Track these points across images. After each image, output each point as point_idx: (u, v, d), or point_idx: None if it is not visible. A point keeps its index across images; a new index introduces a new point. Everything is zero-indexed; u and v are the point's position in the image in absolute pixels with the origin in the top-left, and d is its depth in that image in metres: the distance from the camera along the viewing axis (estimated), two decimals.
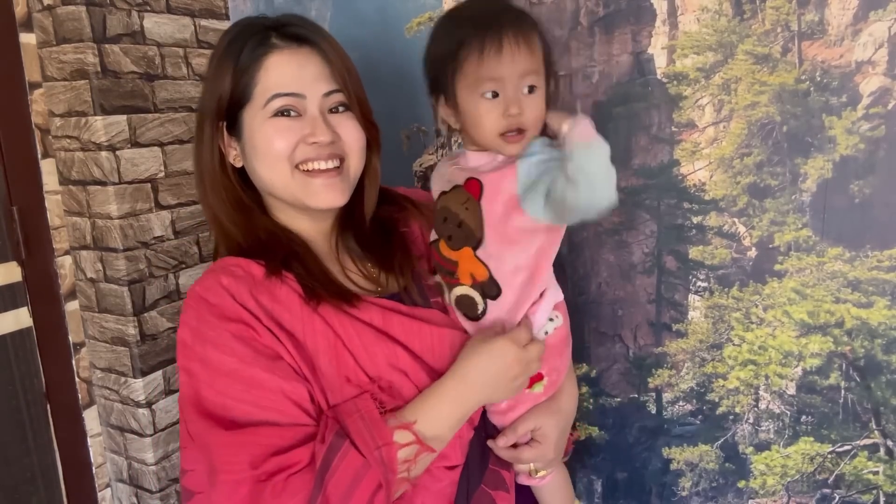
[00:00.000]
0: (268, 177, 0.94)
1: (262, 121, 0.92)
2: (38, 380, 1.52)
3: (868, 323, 1.19)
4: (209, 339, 0.86)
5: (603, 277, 1.44)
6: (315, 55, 0.94)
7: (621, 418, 1.47)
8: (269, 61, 0.92)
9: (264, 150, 0.93)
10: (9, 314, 1.47)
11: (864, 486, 1.25)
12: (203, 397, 0.85)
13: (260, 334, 0.86)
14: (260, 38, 0.93)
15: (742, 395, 1.33)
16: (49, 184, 1.53)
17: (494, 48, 0.88)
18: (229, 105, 0.94)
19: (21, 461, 1.50)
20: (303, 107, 0.93)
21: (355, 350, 0.89)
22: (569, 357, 1.03)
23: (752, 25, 1.21)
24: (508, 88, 0.90)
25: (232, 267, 0.92)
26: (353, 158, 0.97)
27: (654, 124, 1.33)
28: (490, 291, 0.94)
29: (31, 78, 1.48)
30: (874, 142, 1.15)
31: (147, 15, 1.53)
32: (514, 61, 0.88)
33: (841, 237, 1.20)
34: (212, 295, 0.88)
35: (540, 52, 0.92)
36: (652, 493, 1.46)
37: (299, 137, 0.92)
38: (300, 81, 0.92)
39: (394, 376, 0.90)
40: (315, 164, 0.93)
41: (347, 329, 0.90)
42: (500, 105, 0.90)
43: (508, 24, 0.89)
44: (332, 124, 0.94)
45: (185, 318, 0.90)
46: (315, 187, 0.93)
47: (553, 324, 0.97)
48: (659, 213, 1.35)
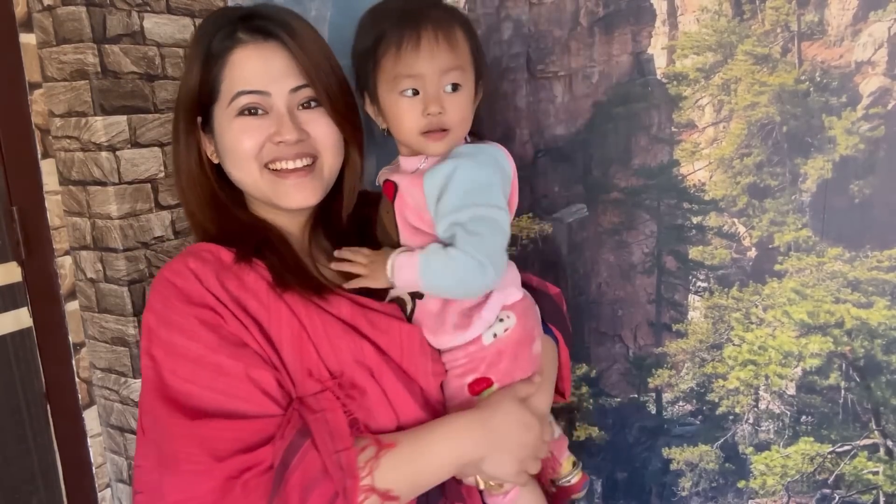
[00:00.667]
0: (238, 176, 0.93)
1: (229, 119, 0.90)
2: (38, 380, 1.52)
3: (868, 323, 1.19)
4: (175, 323, 0.83)
5: (603, 277, 1.44)
6: (282, 49, 0.90)
7: (621, 418, 1.47)
8: (235, 57, 0.89)
9: (232, 150, 0.91)
10: (9, 314, 1.47)
11: (864, 486, 1.25)
12: (167, 384, 0.82)
13: (226, 320, 0.84)
14: (227, 32, 0.90)
15: (742, 396, 1.33)
16: (49, 184, 1.53)
17: (412, 43, 0.85)
18: (201, 101, 0.92)
19: (21, 461, 1.50)
20: (268, 104, 0.90)
21: (319, 342, 0.87)
22: (529, 365, 0.96)
23: (751, 26, 1.21)
24: (428, 86, 0.86)
25: (202, 252, 0.90)
26: (326, 156, 0.93)
27: (654, 124, 1.33)
28: (416, 293, 0.92)
29: (31, 78, 1.48)
30: (874, 142, 1.15)
31: (147, 15, 1.53)
32: (433, 57, 0.85)
33: (841, 237, 1.20)
34: (179, 278, 0.86)
35: (466, 48, 0.89)
36: (652, 494, 1.46)
37: (265, 136, 0.89)
38: (264, 78, 0.89)
39: (357, 373, 0.87)
40: (283, 163, 0.90)
41: (314, 320, 0.87)
42: (420, 103, 0.87)
43: (428, 18, 0.86)
44: (301, 121, 0.91)
45: (151, 302, 0.87)
46: (285, 188, 0.91)
47: (503, 324, 0.92)
48: (659, 213, 1.35)
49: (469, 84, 0.90)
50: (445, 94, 0.88)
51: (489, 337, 0.92)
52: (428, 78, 0.86)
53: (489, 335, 0.92)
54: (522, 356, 0.94)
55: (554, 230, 1.46)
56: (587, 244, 1.44)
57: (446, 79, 0.87)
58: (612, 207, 1.40)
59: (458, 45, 0.87)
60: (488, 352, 0.92)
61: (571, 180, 1.42)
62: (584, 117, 1.39)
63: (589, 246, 1.44)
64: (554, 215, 1.46)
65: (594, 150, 1.39)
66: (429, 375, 0.92)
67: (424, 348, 0.92)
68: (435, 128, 0.88)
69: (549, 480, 1.06)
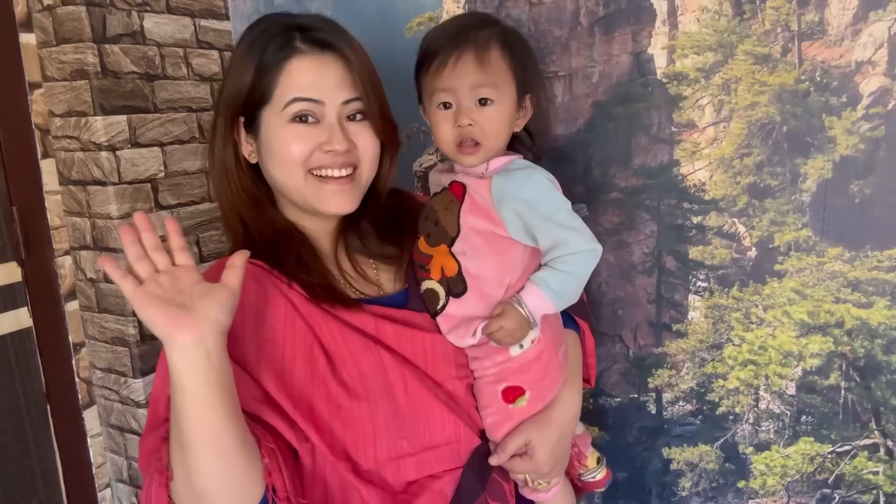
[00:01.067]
0: (281, 179, 0.95)
1: (281, 124, 0.92)
2: (38, 380, 1.52)
3: (868, 323, 1.19)
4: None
5: (603, 277, 1.44)
6: (337, 62, 0.93)
7: (621, 418, 1.47)
8: (292, 65, 0.92)
9: (280, 154, 0.93)
10: (9, 314, 1.47)
11: (864, 486, 1.25)
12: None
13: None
14: (285, 39, 0.92)
15: (742, 396, 1.33)
16: (49, 184, 1.53)
17: (445, 60, 0.93)
18: (249, 102, 0.94)
19: (21, 461, 1.50)
20: (321, 113, 0.93)
21: (340, 355, 0.89)
22: (559, 371, 1.01)
23: (752, 25, 1.21)
24: (459, 100, 0.94)
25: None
26: (365, 167, 0.97)
27: (654, 124, 1.33)
28: (456, 288, 0.95)
29: (31, 78, 1.48)
30: (874, 142, 1.15)
31: (147, 15, 1.53)
32: (462, 73, 0.93)
33: (841, 237, 1.20)
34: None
35: (503, 66, 0.94)
36: (652, 493, 1.46)
37: (315, 144, 0.92)
38: (320, 88, 0.92)
39: (378, 385, 0.89)
40: (329, 171, 0.94)
41: (334, 334, 0.90)
42: (452, 116, 0.95)
43: (466, 38, 0.93)
44: (349, 133, 0.94)
45: None
46: (327, 193, 0.94)
47: (529, 336, 0.95)
48: (659, 213, 1.35)
49: (503, 99, 0.95)
50: (475, 107, 0.94)
51: (516, 349, 0.96)
52: (459, 92, 0.94)
53: (516, 348, 0.96)
54: (551, 364, 0.98)
55: None
56: None
57: (476, 94, 0.94)
58: (612, 207, 1.40)
59: (491, 63, 0.93)
60: (516, 363, 0.96)
61: (571, 180, 1.42)
62: (584, 117, 1.39)
63: None
64: None
65: (594, 150, 1.39)
66: (454, 380, 0.96)
67: (447, 355, 0.95)
68: (466, 139, 0.95)
69: (577, 475, 1.11)
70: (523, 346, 0.96)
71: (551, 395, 0.99)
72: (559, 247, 0.92)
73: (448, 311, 0.96)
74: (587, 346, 1.12)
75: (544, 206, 0.93)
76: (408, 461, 0.90)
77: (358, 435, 0.87)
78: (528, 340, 0.96)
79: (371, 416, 0.88)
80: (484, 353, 0.97)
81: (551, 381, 0.98)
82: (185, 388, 0.70)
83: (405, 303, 1.00)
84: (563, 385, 1.01)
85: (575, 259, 0.92)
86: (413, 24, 1.51)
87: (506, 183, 0.93)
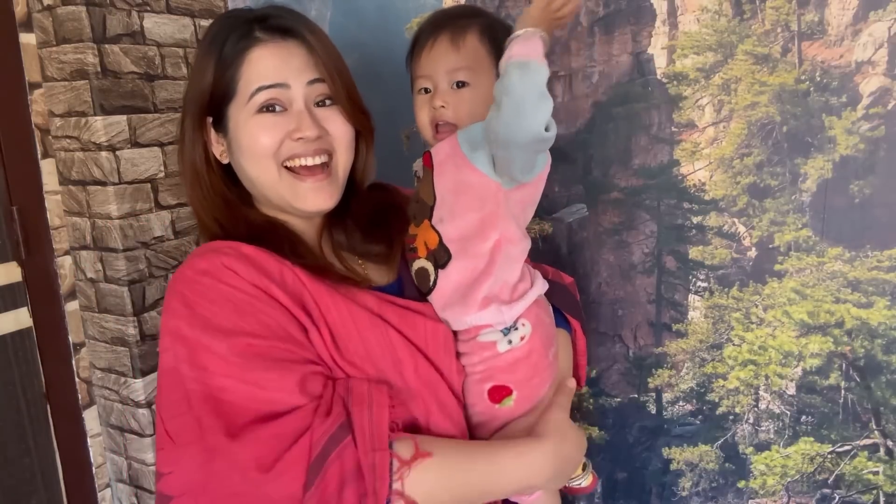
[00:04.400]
0: (255, 175, 0.92)
1: (248, 117, 0.90)
2: (38, 380, 1.52)
3: (868, 323, 1.19)
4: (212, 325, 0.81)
5: (603, 277, 1.44)
6: (300, 47, 0.92)
7: (621, 418, 1.47)
8: (254, 55, 0.90)
9: (250, 148, 0.90)
10: (9, 314, 1.47)
11: (864, 486, 1.25)
12: (214, 397, 0.79)
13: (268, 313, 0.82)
14: (243, 31, 0.91)
15: (742, 396, 1.33)
16: (49, 184, 1.53)
17: (423, 45, 0.95)
18: (214, 100, 0.92)
19: (21, 461, 1.50)
20: (288, 99, 0.90)
21: (349, 334, 0.86)
22: (548, 371, 0.96)
23: (752, 25, 1.21)
24: (436, 83, 0.95)
25: (223, 248, 0.88)
26: (340, 154, 0.95)
27: (654, 124, 1.33)
28: (441, 259, 0.92)
29: (31, 78, 1.48)
30: (874, 142, 1.15)
31: (147, 15, 1.53)
32: (437, 56, 0.94)
33: (841, 237, 1.20)
34: (207, 277, 0.84)
35: (482, 50, 0.94)
36: (652, 493, 1.46)
37: (285, 133, 0.90)
38: (284, 72, 0.90)
39: (388, 365, 0.87)
40: (302, 160, 0.91)
41: (342, 312, 0.87)
42: (429, 99, 0.95)
43: (444, 25, 0.95)
44: (319, 118, 0.92)
45: (175, 307, 0.84)
46: (303, 190, 0.91)
47: (518, 333, 0.92)
48: (659, 213, 1.35)
49: (480, 84, 0.94)
50: (451, 90, 0.94)
51: (504, 345, 0.92)
52: (436, 76, 0.95)
53: (504, 343, 0.92)
54: (541, 364, 0.95)
55: (554, 230, 1.46)
56: (587, 244, 1.44)
57: (452, 77, 0.94)
58: (612, 207, 1.40)
59: (467, 46, 0.93)
60: (504, 360, 0.92)
61: (571, 180, 1.42)
62: (584, 117, 1.39)
63: (589, 246, 1.44)
64: (554, 215, 1.46)
65: (594, 150, 1.39)
66: (454, 373, 0.93)
67: (448, 346, 0.93)
68: (441, 120, 0.95)
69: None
70: (511, 341, 0.92)
71: (539, 396, 0.95)
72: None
73: (439, 285, 0.93)
74: (579, 345, 1.09)
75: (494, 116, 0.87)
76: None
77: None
78: (516, 337, 0.93)
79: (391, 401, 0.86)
80: (471, 349, 0.94)
81: (540, 381, 0.95)
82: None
83: (401, 291, 0.97)
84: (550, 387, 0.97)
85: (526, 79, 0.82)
86: (413, 23, 1.51)
87: (469, 130, 0.91)
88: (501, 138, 0.82)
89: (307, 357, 0.83)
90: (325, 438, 0.77)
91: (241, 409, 0.79)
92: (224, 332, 0.81)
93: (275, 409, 0.79)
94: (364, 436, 0.78)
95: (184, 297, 0.84)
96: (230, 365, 0.80)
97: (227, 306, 0.82)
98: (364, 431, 0.79)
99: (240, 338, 0.81)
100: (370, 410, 0.80)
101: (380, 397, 0.82)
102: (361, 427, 0.79)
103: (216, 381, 0.80)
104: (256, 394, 0.79)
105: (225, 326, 0.81)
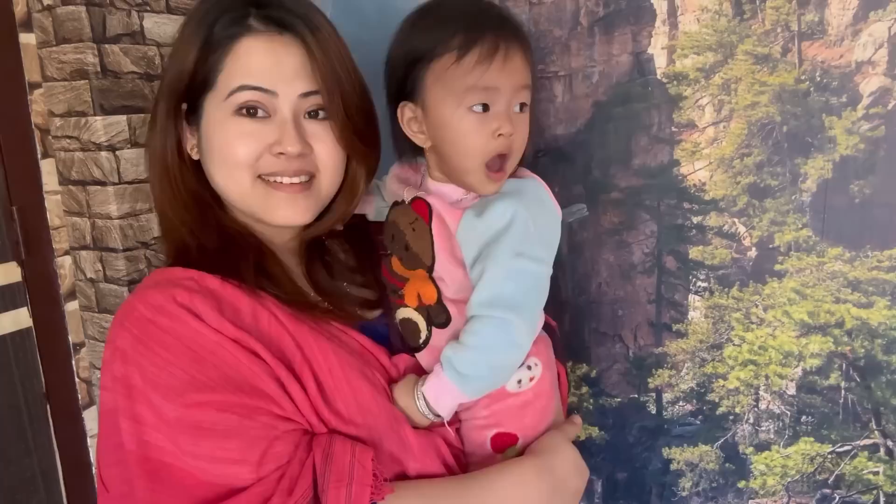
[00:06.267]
0: (222, 182, 0.81)
1: (224, 116, 0.78)
2: (38, 380, 1.52)
3: (868, 323, 1.19)
4: (162, 382, 0.69)
5: (603, 277, 1.44)
6: (297, 46, 0.78)
7: (621, 418, 1.47)
8: (242, 46, 0.77)
9: (222, 154, 0.79)
10: (8, 314, 1.47)
11: (865, 486, 1.25)
12: (154, 459, 0.68)
13: (233, 365, 0.70)
14: (237, 15, 0.78)
15: (742, 396, 1.33)
16: (49, 184, 1.53)
17: (489, 52, 0.73)
18: (191, 86, 0.79)
19: (21, 461, 1.49)
20: (272, 106, 0.78)
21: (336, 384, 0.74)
22: (552, 414, 0.88)
23: (752, 25, 1.21)
24: (501, 102, 0.75)
25: (183, 280, 0.75)
26: (324, 176, 0.82)
27: (654, 124, 1.33)
28: (438, 318, 0.81)
29: (31, 78, 1.48)
30: (874, 142, 1.15)
31: (147, 15, 1.53)
32: (512, 70, 0.75)
33: (841, 237, 1.20)
34: (163, 317, 0.71)
35: (532, 66, 0.80)
36: (652, 494, 1.46)
37: (265, 146, 0.78)
38: (273, 76, 0.77)
39: (381, 419, 0.76)
40: (280, 178, 0.79)
41: (330, 359, 0.75)
42: (493, 121, 0.75)
43: (505, 25, 0.77)
44: (307, 133, 0.79)
45: (124, 348, 0.71)
46: (275, 200, 0.79)
47: (530, 372, 0.83)
48: (659, 213, 1.35)
49: (530, 105, 0.81)
50: (514, 113, 0.77)
51: (513, 384, 0.83)
52: (503, 93, 0.75)
53: (513, 382, 0.83)
54: (548, 409, 0.87)
55: None
56: (587, 244, 1.44)
57: (518, 97, 0.77)
58: (612, 207, 1.40)
59: (529, 60, 0.78)
60: (512, 403, 0.84)
61: (571, 180, 1.42)
62: (584, 117, 1.39)
63: (589, 246, 1.44)
64: None
65: (594, 150, 1.39)
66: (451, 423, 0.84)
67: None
68: (503, 151, 0.77)
69: None
70: (521, 380, 0.83)
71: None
72: (471, 298, 0.75)
73: (433, 343, 0.81)
74: (563, 391, 1.00)
75: (505, 249, 0.74)
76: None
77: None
78: (526, 376, 0.83)
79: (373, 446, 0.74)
80: (475, 401, 0.83)
81: (546, 428, 0.86)
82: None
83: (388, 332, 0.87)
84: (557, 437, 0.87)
85: (480, 327, 0.74)
86: None
87: (476, 221, 0.76)
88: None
89: (279, 414, 0.70)
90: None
91: (186, 487, 0.68)
92: (177, 390, 0.69)
93: (231, 484, 0.67)
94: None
95: (133, 339, 0.71)
96: (178, 433, 0.68)
97: (183, 355, 0.70)
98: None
99: (196, 394, 0.68)
100: (349, 490, 0.67)
101: (361, 472, 0.68)
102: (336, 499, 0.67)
103: (158, 454, 0.69)
104: (208, 469, 0.67)
105: (179, 382, 0.69)
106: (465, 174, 0.78)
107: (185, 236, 0.82)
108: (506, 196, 0.76)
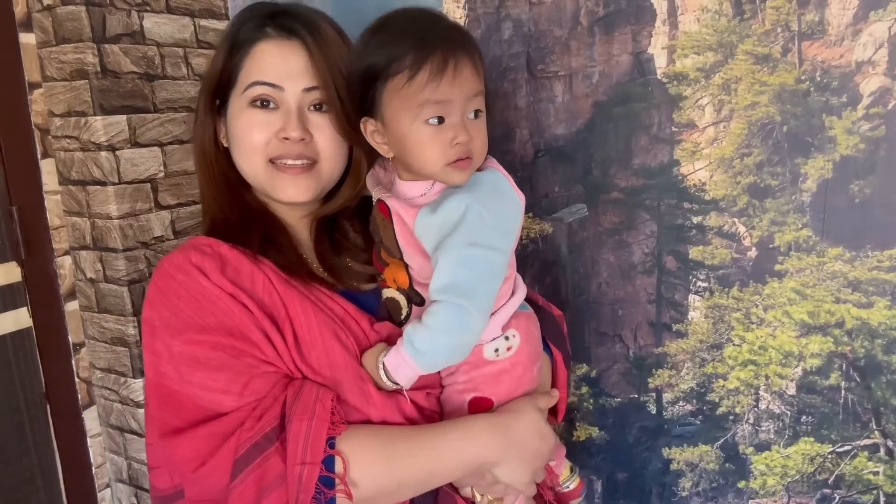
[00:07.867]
0: (241, 164, 0.96)
1: (241, 108, 0.93)
2: (38, 380, 1.52)
3: (868, 323, 1.19)
4: (173, 324, 0.85)
5: (603, 277, 1.44)
6: (301, 49, 0.93)
7: (621, 418, 1.47)
8: (258, 49, 0.93)
9: (240, 140, 0.94)
10: (8, 314, 1.47)
11: (865, 486, 1.25)
12: (164, 386, 0.85)
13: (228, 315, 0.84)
14: (257, 23, 0.94)
15: (742, 396, 1.33)
16: (49, 184, 1.53)
17: (439, 67, 0.78)
18: (220, 84, 0.95)
19: (21, 461, 1.50)
20: (280, 99, 0.92)
21: (312, 341, 0.86)
22: (530, 385, 0.93)
23: (752, 25, 1.21)
24: (455, 113, 0.80)
25: (202, 246, 0.91)
26: (325, 162, 0.94)
27: (654, 124, 1.33)
28: (415, 298, 0.90)
29: (31, 78, 1.48)
30: (874, 142, 1.15)
31: (147, 15, 1.53)
32: (462, 82, 0.80)
33: (841, 237, 1.20)
34: (180, 273, 0.87)
35: (482, 71, 0.84)
36: (652, 494, 1.46)
37: (272, 132, 0.92)
38: (281, 73, 0.92)
39: (348, 376, 0.86)
40: (284, 161, 0.93)
41: (310, 319, 0.87)
42: (449, 131, 0.81)
43: (452, 39, 0.81)
44: (309, 123, 0.93)
45: (150, 296, 0.89)
46: (282, 181, 0.93)
47: (507, 342, 0.89)
48: (659, 213, 1.35)
49: (484, 109, 0.85)
50: (469, 120, 0.82)
51: (491, 353, 0.89)
52: (456, 104, 0.80)
53: (490, 350, 0.89)
54: (524, 378, 0.92)
55: (554, 230, 1.46)
56: (587, 244, 1.44)
57: (471, 105, 0.82)
58: (612, 207, 1.40)
59: (479, 68, 0.83)
60: (488, 371, 0.90)
61: (571, 180, 1.42)
62: (584, 117, 1.39)
63: (589, 246, 1.44)
64: (554, 215, 1.46)
65: (594, 150, 1.39)
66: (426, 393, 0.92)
67: None
68: (463, 156, 0.82)
69: (549, 488, 1.05)
70: (498, 349, 0.89)
71: None
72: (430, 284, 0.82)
73: (413, 318, 0.89)
74: (559, 376, 1.05)
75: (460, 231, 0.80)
76: None
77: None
78: (503, 346, 0.89)
79: (338, 398, 0.85)
80: (456, 367, 0.91)
81: (521, 395, 0.92)
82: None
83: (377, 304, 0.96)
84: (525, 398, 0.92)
85: (437, 310, 0.81)
86: None
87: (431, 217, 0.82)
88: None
89: (261, 358, 0.84)
90: (249, 444, 0.79)
91: (186, 407, 0.84)
92: (182, 329, 0.85)
93: (217, 409, 0.83)
94: (297, 446, 0.78)
95: (157, 290, 0.89)
96: (180, 364, 0.84)
97: (191, 304, 0.85)
98: (298, 442, 0.79)
99: (196, 334, 0.84)
100: (310, 422, 0.79)
101: (322, 410, 0.81)
102: (297, 437, 0.79)
103: (168, 381, 0.85)
104: (200, 395, 0.83)
105: (184, 323, 0.85)
106: (433, 177, 0.85)
107: (216, 212, 0.99)
108: (459, 191, 0.83)
